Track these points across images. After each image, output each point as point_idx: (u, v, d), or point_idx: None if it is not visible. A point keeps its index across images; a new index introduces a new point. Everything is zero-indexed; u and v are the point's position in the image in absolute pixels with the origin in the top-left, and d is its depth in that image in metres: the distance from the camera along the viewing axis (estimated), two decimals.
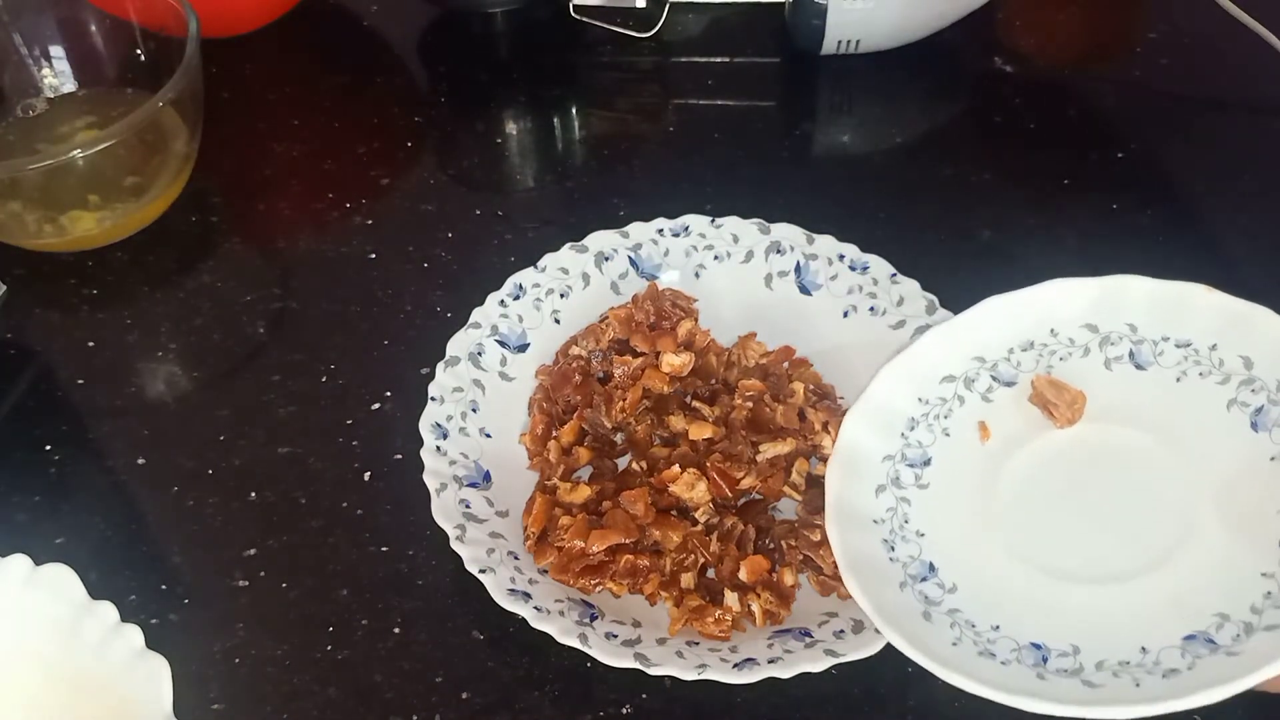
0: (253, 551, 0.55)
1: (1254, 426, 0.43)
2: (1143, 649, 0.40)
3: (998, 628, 0.42)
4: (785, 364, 0.58)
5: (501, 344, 0.59)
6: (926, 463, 0.48)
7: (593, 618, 0.50)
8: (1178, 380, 0.46)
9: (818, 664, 0.47)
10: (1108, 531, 0.44)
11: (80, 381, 0.62)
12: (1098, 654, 0.41)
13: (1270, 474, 0.42)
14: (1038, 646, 0.41)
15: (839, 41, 0.74)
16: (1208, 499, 0.43)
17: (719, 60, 0.78)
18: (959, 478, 0.47)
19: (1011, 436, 0.47)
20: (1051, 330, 0.48)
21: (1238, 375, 0.44)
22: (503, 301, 0.60)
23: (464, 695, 0.50)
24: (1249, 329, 0.44)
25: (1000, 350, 0.49)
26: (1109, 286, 0.47)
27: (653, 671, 0.47)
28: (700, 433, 0.54)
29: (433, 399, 0.56)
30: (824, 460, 0.55)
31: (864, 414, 0.49)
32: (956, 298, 0.58)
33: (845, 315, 0.60)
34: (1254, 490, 0.42)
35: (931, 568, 0.45)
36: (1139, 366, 0.46)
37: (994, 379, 0.48)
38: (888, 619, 0.42)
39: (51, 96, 0.71)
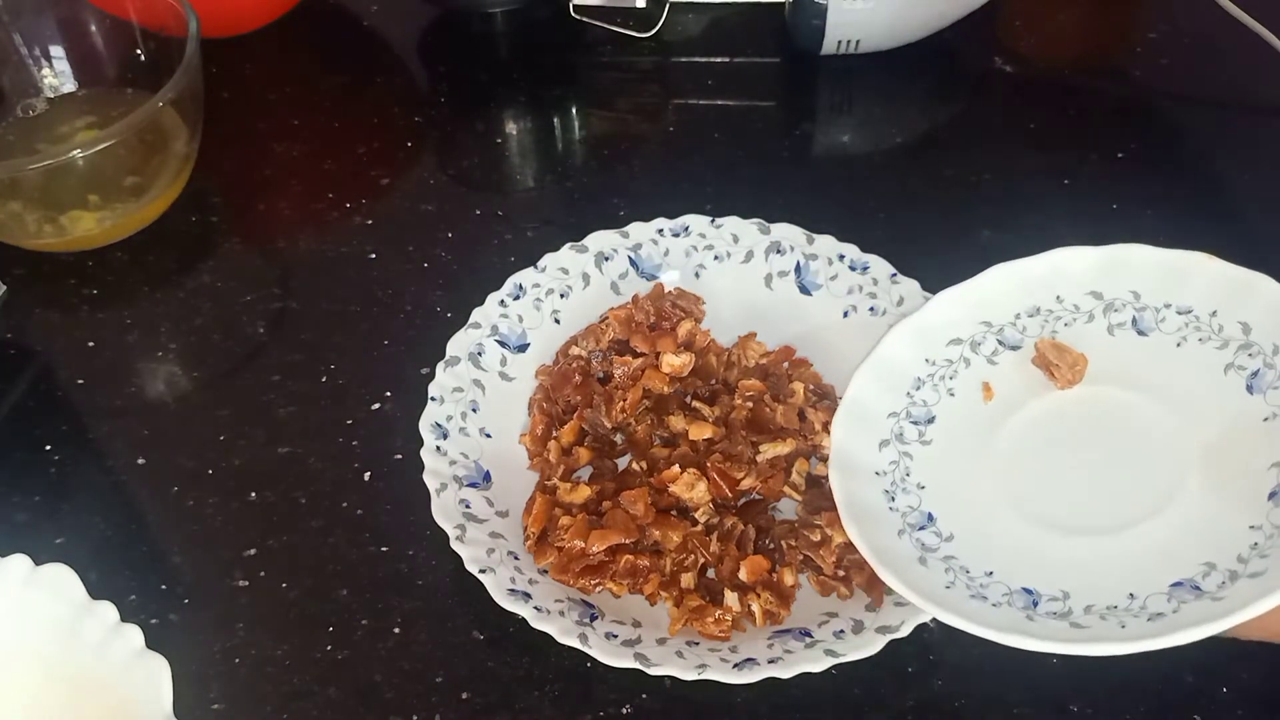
0: (253, 551, 0.55)
1: (1249, 389, 0.44)
2: (1130, 595, 0.42)
3: (991, 574, 0.44)
4: (785, 364, 0.58)
5: (501, 344, 0.59)
6: (930, 420, 0.49)
7: (593, 618, 0.50)
8: (1178, 345, 0.47)
9: (818, 664, 0.47)
10: (1102, 485, 0.45)
11: (80, 381, 0.62)
12: (1087, 599, 0.42)
13: (1263, 433, 0.43)
14: (1029, 591, 0.43)
15: (839, 41, 0.74)
16: (1201, 457, 0.44)
17: (719, 60, 0.78)
18: (961, 435, 0.48)
19: (1013, 397, 0.49)
20: (1057, 296, 0.49)
21: (1236, 340, 0.45)
22: (503, 301, 0.60)
23: (464, 695, 0.50)
24: (1248, 295, 0.46)
25: (1007, 315, 0.50)
26: (1114, 254, 0.48)
27: (653, 671, 0.47)
28: (700, 433, 0.54)
29: (433, 399, 0.56)
30: (824, 460, 0.55)
31: (872, 371, 0.50)
32: None
33: (845, 315, 0.60)
34: (1246, 449, 0.43)
35: (930, 517, 0.46)
36: (1141, 332, 0.48)
37: (1000, 342, 0.50)
38: (884, 562, 0.44)
39: (51, 96, 0.71)
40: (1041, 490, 0.46)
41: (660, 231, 0.62)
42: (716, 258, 0.62)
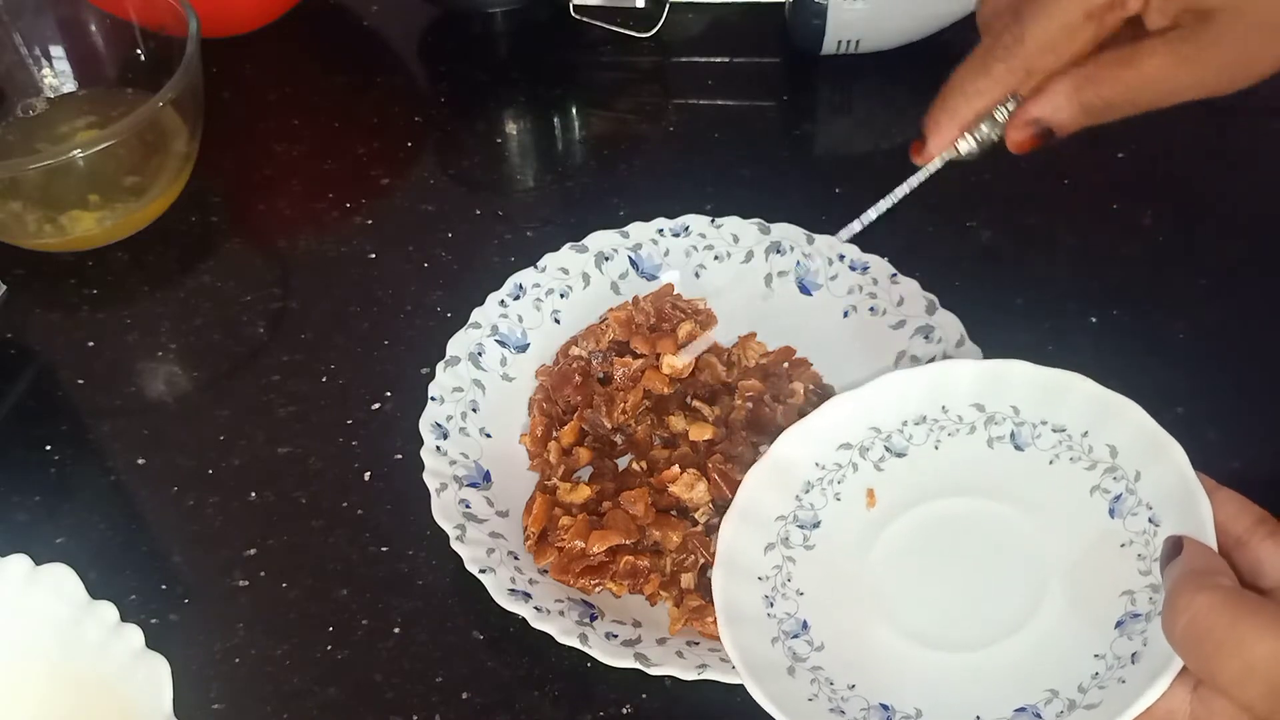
0: (253, 551, 0.55)
1: (1111, 513, 0.45)
2: (977, 717, 0.42)
3: (853, 687, 0.45)
4: (785, 364, 0.58)
5: (501, 344, 0.59)
6: (816, 525, 0.50)
7: (593, 618, 0.50)
8: (1050, 463, 0.48)
9: None
10: (967, 601, 0.46)
11: (80, 381, 0.62)
12: (937, 718, 0.43)
13: (1118, 559, 0.44)
14: (885, 707, 0.44)
15: (839, 41, 0.74)
16: (1062, 578, 0.45)
17: (719, 60, 0.78)
18: (843, 541, 0.49)
19: (894, 504, 0.49)
20: (943, 407, 0.50)
21: (1104, 463, 0.46)
22: (503, 301, 0.60)
23: (464, 695, 0.50)
24: (1118, 420, 0.46)
25: (895, 422, 0.51)
26: (995, 369, 0.49)
27: (653, 671, 0.47)
28: (700, 434, 0.54)
29: (433, 399, 0.56)
30: None
31: (764, 473, 0.50)
32: (956, 298, 0.58)
33: (845, 315, 0.60)
34: (1102, 573, 0.44)
35: (805, 625, 0.47)
36: (1018, 448, 0.48)
37: (887, 449, 0.51)
38: (753, 672, 0.44)
39: (51, 96, 0.71)
40: (911, 602, 0.47)
41: (660, 231, 0.62)
42: (716, 258, 0.62)
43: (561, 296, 0.61)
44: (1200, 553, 0.40)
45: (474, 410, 0.57)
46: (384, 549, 0.55)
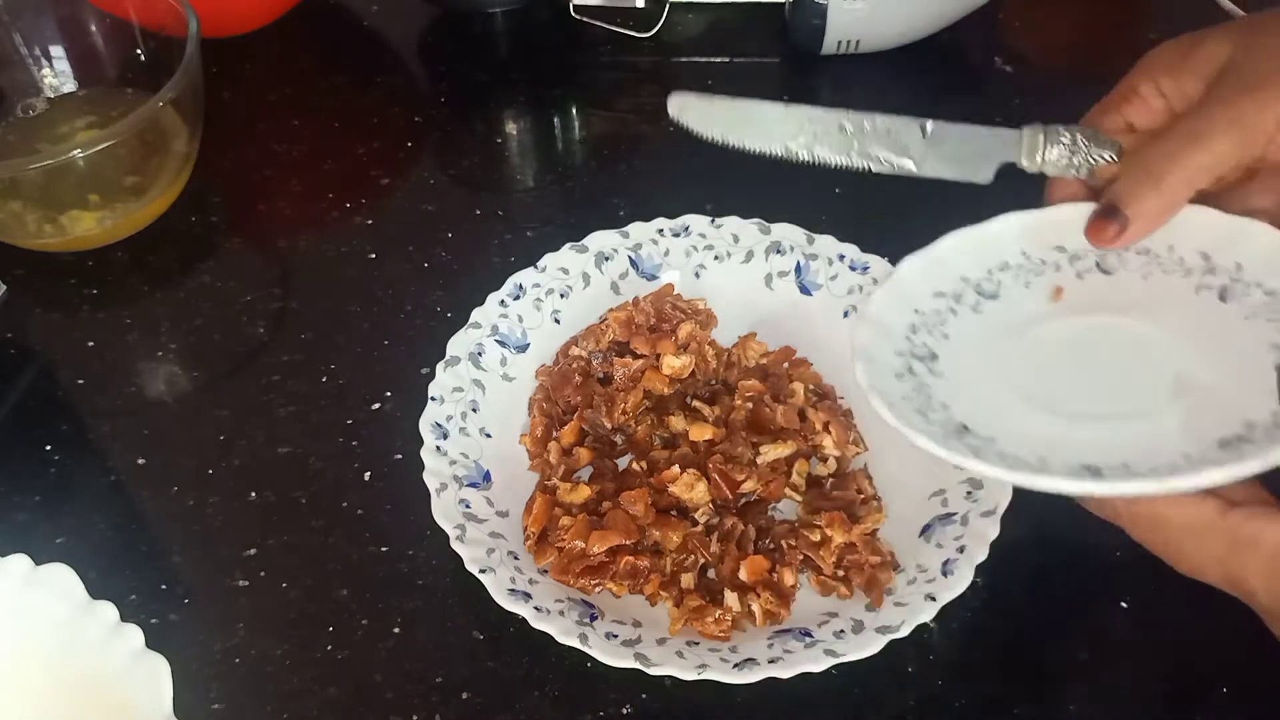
0: (253, 551, 0.55)
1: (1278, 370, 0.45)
2: (1043, 457, 0.44)
3: (947, 407, 0.47)
4: (785, 364, 0.58)
5: (501, 344, 0.59)
6: (994, 297, 0.52)
7: (593, 618, 0.50)
8: (1245, 319, 0.48)
9: (818, 664, 0.47)
10: (1094, 391, 0.47)
11: (80, 381, 0.62)
12: (1004, 447, 0.45)
13: (1265, 430, 0.44)
14: (965, 428, 0.46)
15: (839, 41, 0.74)
16: (1195, 414, 0.45)
17: (719, 60, 0.78)
18: (1010, 318, 0.51)
19: (1076, 306, 0.51)
20: (1170, 246, 0.51)
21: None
22: (503, 301, 0.60)
23: (464, 695, 0.50)
24: None
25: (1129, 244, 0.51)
26: (1238, 227, 0.49)
27: (653, 671, 0.47)
28: (701, 434, 0.54)
29: (433, 399, 0.56)
30: (824, 460, 0.55)
31: (972, 237, 0.53)
32: None
33: (845, 315, 0.60)
34: (1232, 417, 0.44)
35: (934, 356, 0.50)
36: (1222, 299, 0.49)
37: (1097, 264, 0.52)
38: (865, 359, 0.48)
39: (51, 96, 0.71)
40: (1042, 375, 0.48)
41: (660, 231, 0.62)
42: (716, 258, 0.62)
43: (561, 296, 0.61)
44: None
45: (474, 410, 0.57)
46: (384, 549, 0.55)
